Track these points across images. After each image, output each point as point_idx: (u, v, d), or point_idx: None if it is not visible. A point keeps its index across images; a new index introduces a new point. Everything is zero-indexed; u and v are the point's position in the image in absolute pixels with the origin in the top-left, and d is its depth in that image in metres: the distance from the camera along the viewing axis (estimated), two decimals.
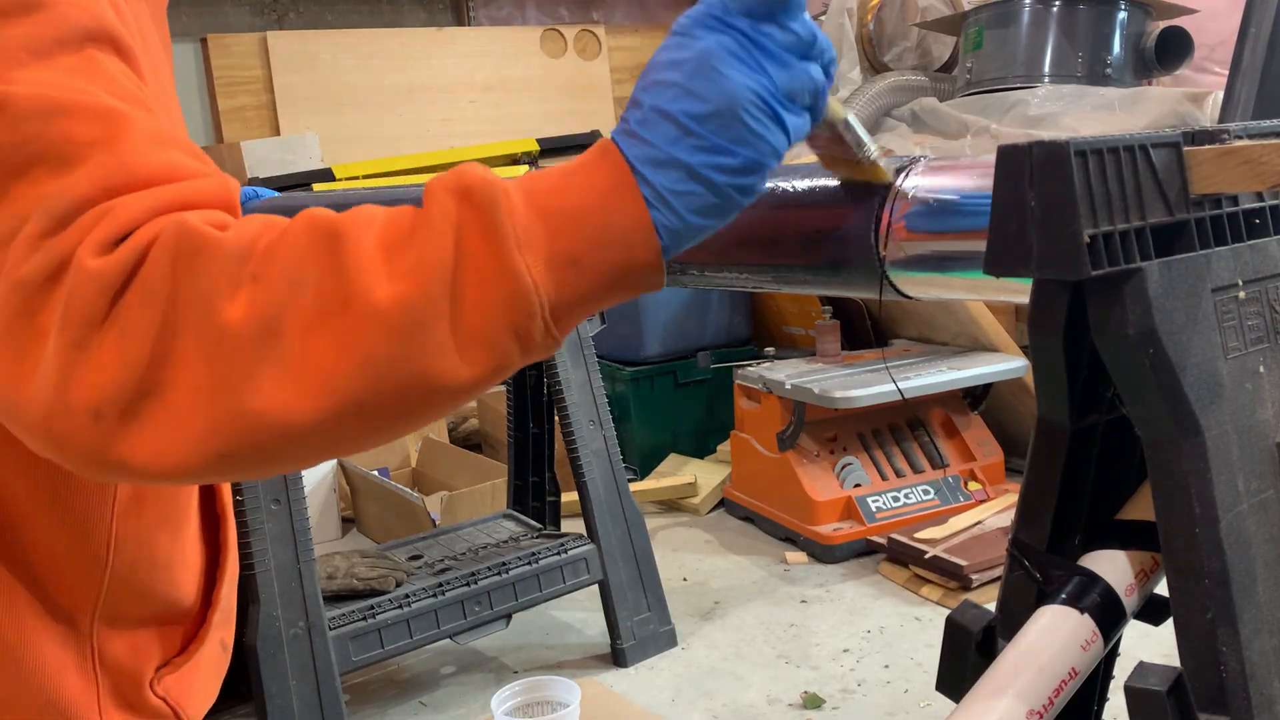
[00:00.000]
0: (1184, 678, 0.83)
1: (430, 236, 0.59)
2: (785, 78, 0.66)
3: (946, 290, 1.00)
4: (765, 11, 0.65)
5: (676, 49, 0.65)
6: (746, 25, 0.64)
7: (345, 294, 0.58)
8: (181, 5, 5.70)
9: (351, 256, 0.58)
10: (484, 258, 0.58)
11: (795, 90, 0.67)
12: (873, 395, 3.37)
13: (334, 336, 0.58)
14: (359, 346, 0.58)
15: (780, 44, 0.66)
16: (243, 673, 2.74)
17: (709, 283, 1.23)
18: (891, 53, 5.59)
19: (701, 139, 0.63)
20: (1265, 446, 0.86)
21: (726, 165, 0.65)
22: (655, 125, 0.64)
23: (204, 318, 0.58)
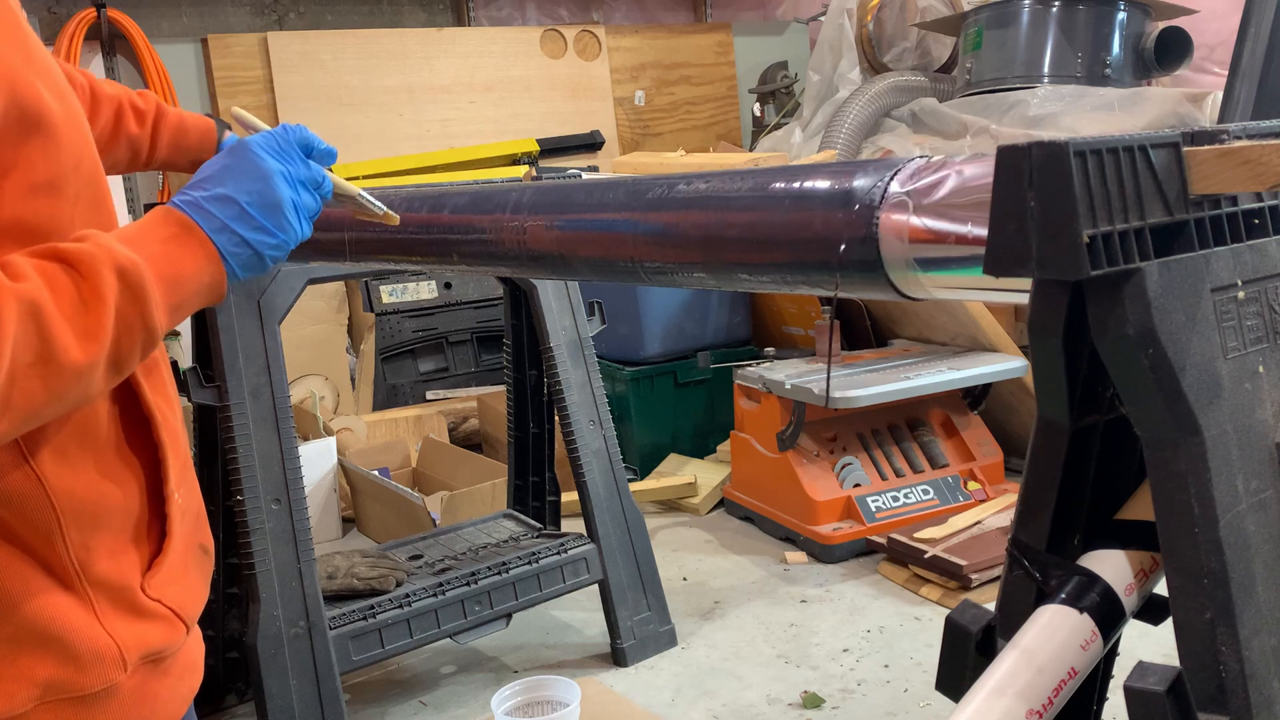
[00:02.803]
0: (1183, 677, 0.83)
1: (103, 308, 0.88)
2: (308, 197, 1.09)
3: (946, 290, 1.00)
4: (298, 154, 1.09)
5: (241, 158, 1.04)
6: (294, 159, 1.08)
7: (47, 353, 0.84)
8: (181, 5, 5.70)
9: (50, 325, 0.84)
10: (135, 324, 0.91)
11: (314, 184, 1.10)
12: (873, 395, 3.38)
13: (40, 380, 0.84)
14: (55, 387, 0.85)
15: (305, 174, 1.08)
16: (243, 672, 2.74)
17: (712, 284, 1.23)
18: (891, 53, 5.59)
19: (254, 221, 1.02)
20: (1264, 446, 0.86)
21: (268, 241, 1.03)
22: (223, 205, 1.00)
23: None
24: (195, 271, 0.97)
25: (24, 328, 0.83)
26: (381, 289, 4.95)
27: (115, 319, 0.89)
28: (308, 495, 2.55)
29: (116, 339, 0.89)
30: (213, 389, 2.39)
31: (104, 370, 0.89)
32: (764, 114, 6.52)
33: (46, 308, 0.84)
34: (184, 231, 0.98)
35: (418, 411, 4.71)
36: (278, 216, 1.03)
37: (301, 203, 1.07)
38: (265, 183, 1.03)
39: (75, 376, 0.86)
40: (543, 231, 1.40)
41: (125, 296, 0.89)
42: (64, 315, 0.86)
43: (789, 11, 7.00)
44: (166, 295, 0.94)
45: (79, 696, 0.97)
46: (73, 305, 0.87)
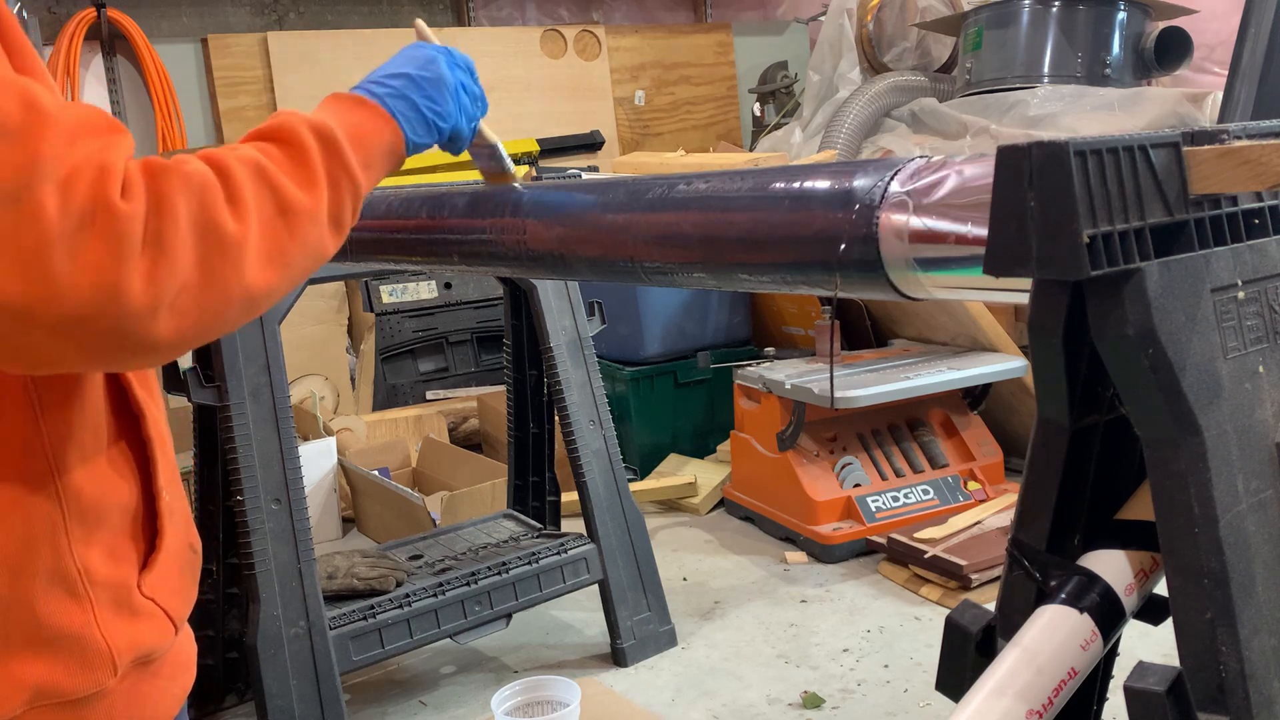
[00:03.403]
0: (1183, 677, 0.83)
1: (312, 162, 0.97)
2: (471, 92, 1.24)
3: (946, 290, 1.00)
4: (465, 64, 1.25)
5: (415, 50, 1.20)
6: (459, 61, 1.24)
7: (282, 202, 0.92)
8: (181, 5, 5.70)
9: (277, 178, 0.93)
10: (341, 176, 1.00)
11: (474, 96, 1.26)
12: (873, 395, 3.38)
13: (286, 229, 0.92)
14: (300, 234, 0.94)
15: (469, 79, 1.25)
16: (243, 672, 2.74)
17: (711, 284, 1.23)
18: (891, 53, 5.59)
19: (422, 89, 1.15)
20: (1264, 446, 0.86)
21: (434, 109, 1.16)
22: (394, 78, 1.14)
23: (215, 233, 0.86)
24: (375, 130, 1.08)
25: (257, 185, 0.91)
26: (381, 289, 4.95)
27: (326, 172, 0.98)
28: (308, 495, 2.55)
29: (331, 191, 0.98)
30: (213, 389, 2.39)
31: (328, 222, 0.97)
32: (764, 114, 6.52)
33: (267, 166, 0.93)
34: (359, 103, 1.09)
35: (418, 411, 4.71)
36: (443, 90, 1.16)
37: (463, 97, 1.21)
38: (434, 63, 1.18)
39: (311, 220, 0.95)
40: (543, 231, 1.40)
41: (325, 152, 0.99)
42: (283, 170, 0.94)
43: (789, 11, 7.00)
44: (357, 151, 1.02)
45: (69, 700, 0.97)
46: (287, 162, 0.95)
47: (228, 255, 0.87)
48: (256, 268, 0.89)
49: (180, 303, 0.84)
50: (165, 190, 0.84)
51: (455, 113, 1.20)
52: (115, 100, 5.44)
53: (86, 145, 0.82)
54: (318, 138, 0.99)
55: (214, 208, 0.86)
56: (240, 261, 0.88)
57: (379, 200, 1.75)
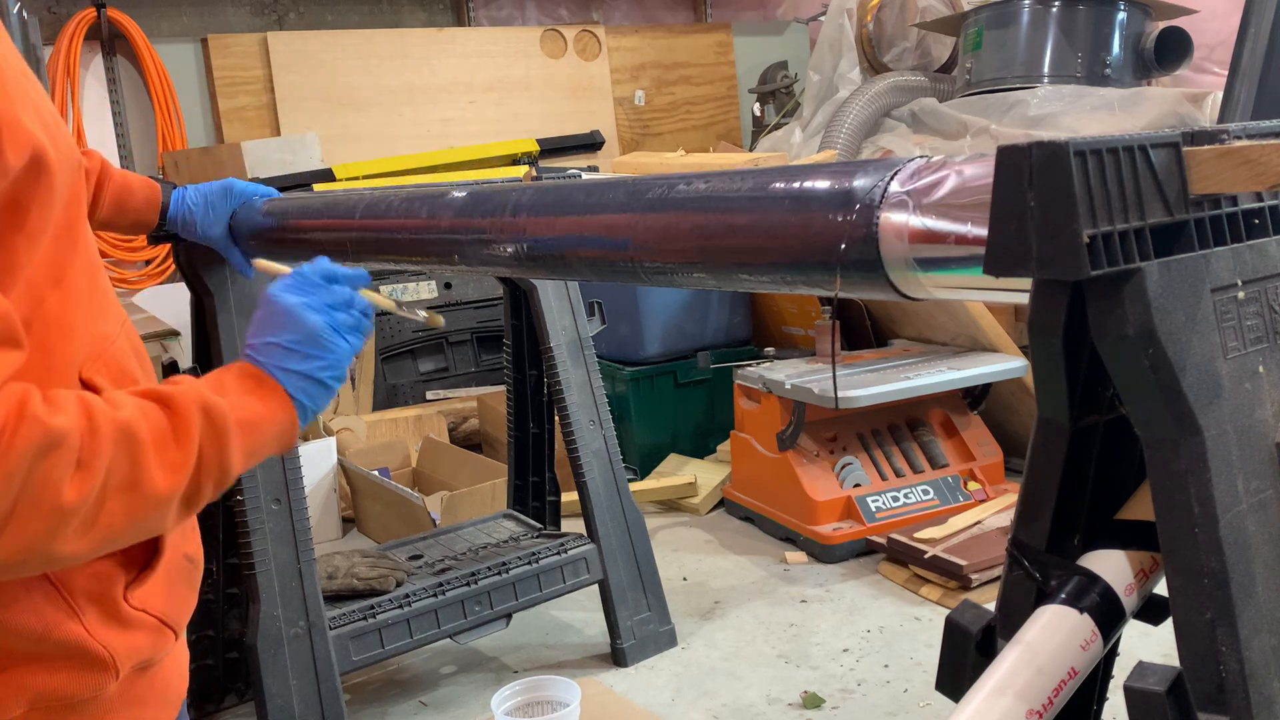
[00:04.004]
0: (1183, 677, 0.83)
1: (188, 445, 0.95)
2: (341, 315, 1.15)
3: (946, 290, 1.00)
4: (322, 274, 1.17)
5: (269, 306, 1.13)
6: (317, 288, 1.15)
7: (135, 480, 0.90)
8: (181, 5, 5.70)
9: (142, 456, 0.91)
10: (211, 464, 0.97)
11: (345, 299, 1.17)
12: (873, 395, 3.38)
13: (125, 506, 0.90)
14: (138, 515, 0.91)
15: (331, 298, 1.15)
16: (243, 672, 2.74)
17: (711, 284, 1.23)
18: (891, 53, 5.59)
19: (299, 353, 1.10)
20: (1265, 446, 0.86)
21: (319, 365, 1.11)
22: (270, 351, 1.09)
23: (46, 496, 0.84)
24: (269, 416, 1.05)
25: (118, 453, 0.89)
26: (381, 289, 4.95)
27: (198, 456, 0.96)
28: (308, 495, 2.55)
29: (195, 475, 0.96)
30: None
31: (178, 505, 0.95)
32: (764, 114, 6.52)
33: (141, 437, 0.91)
34: (258, 381, 1.07)
35: (418, 411, 4.71)
36: (318, 342, 1.12)
37: (338, 322, 1.15)
38: (293, 317, 1.12)
39: (155, 505, 0.93)
40: (543, 231, 1.40)
41: (209, 436, 0.97)
42: (154, 447, 0.93)
43: (789, 11, 7.00)
44: (244, 441, 1.01)
45: (70, 704, 0.98)
46: (163, 438, 0.94)
47: (47, 522, 0.85)
48: (74, 539, 0.88)
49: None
50: (17, 441, 0.83)
51: (345, 347, 1.15)
52: (115, 100, 5.44)
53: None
54: (207, 422, 0.97)
55: (58, 474, 0.85)
56: (58, 530, 0.86)
57: (379, 200, 1.75)
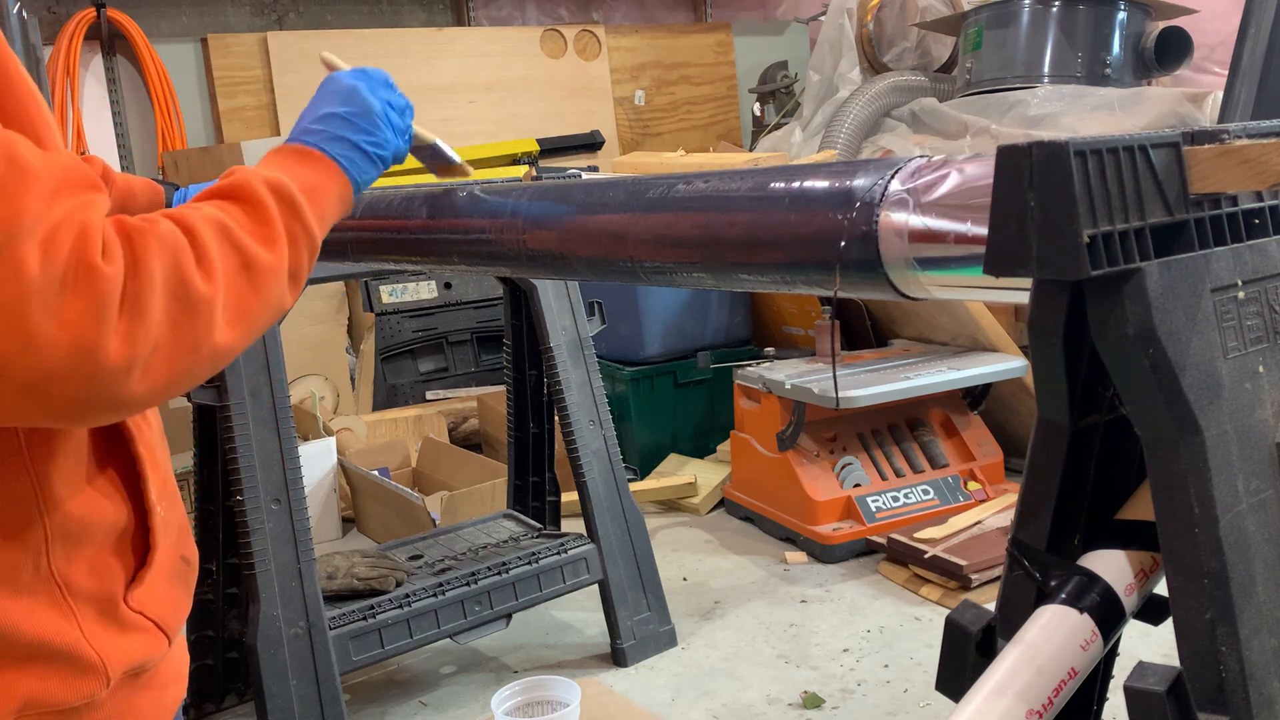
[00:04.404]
0: (1183, 678, 0.83)
1: (272, 219, 1.00)
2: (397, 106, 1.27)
3: (946, 290, 1.00)
4: (382, 79, 1.28)
5: (334, 84, 1.24)
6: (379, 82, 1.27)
7: (246, 260, 0.95)
8: (181, 5, 5.70)
9: (240, 237, 0.95)
10: (299, 231, 1.03)
11: (401, 108, 1.28)
12: (873, 395, 3.38)
13: (250, 286, 0.95)
14: (264, 290, 0.96)
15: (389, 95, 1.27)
16: (243, 672, 2.74)
17: (711, 284, 1.23)
18: (891, 53, 5.59)
19: (353, 124, 1.19)
20: (1265, 446, 0.86)
21: (369, 140, 1.20)
22: (325, 122, 1.18)
23: (187, 294, 0.89)
24: (325, 182, 1.12)
25: (222, 244, 0.94)
26: (381, 289, 4.95)
27: (284, 228, 1.01)
28: (308, 495, 2.55)
29: (290, 246, 1.01)
30: (213, 389, 2.39)
31: (288, 277, 1.00)
32: (764, 114, 6.52)
33: (230, 225, 0.96)
34: (302, 155, 1.14)
35: (418, 411, 4.71)
36: (372, 118, 1.20)
37: (392, 115, 1.24)
38: (354, 94, 1.21)
39: (273, 277, 0.98)
40: (543, 231, 1.40)
41: (283, 208, 1.02)
42: (246, 230, 0.97)
43: (789, 11, 7.00)
44: (312, 206, 1.06)
45: (60, 711, 0.97)
46: (248, 220, 0.98)
47: (199, 316, 0.89)
48: (224, 326, 0.92)
49: (153, 363, 0.86)
50: (141, 253, 0.86)
51: (392, 138, 1.24)
52: (115, 100, 5.44)
53: (67, 203, 0.83)
54: (275, 195, 1.02)
55: (186, 269, 0.89)
56: (210, 322, 0.90)
57: (379, 200, 1.75)
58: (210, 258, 0.91)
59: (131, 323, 0.84)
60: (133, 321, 0.84)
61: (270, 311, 0.98)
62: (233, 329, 0.92)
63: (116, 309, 0.83)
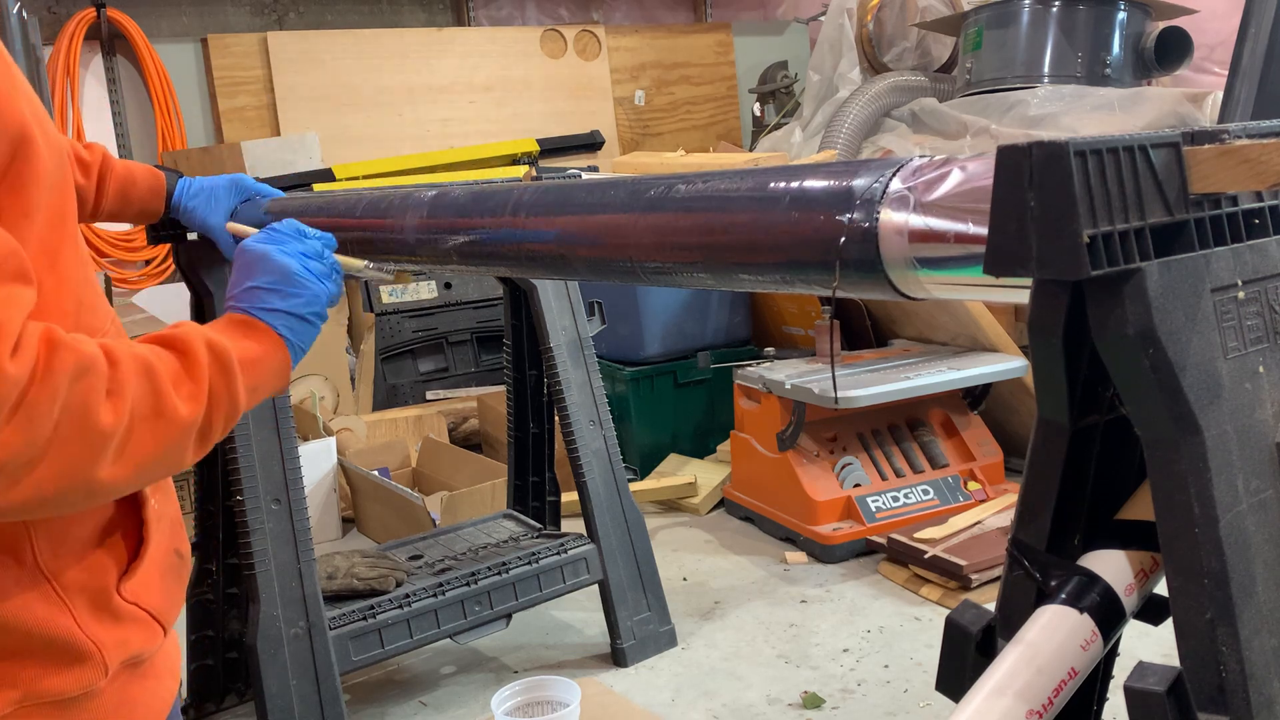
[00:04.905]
0: (1183, 678, 0.83)
1: (200, 376, 0.99)
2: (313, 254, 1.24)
3: (946, 290, 1.00)
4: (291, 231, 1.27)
5: (245, 256, 1.22)
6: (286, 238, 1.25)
7: (159, 407, 0.93)
8: (181, 5, 5.70)
9: (162, 384, 0.94)
10: (222, 397, 1.01)
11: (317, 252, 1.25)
12: (873, 395, 3.37)
13: (151, 433, 0.93)
14: (165, 442, 0.94)
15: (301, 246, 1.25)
16: (243, 672, 2.74)
17: (711, 284, 1.23)
18: (891, 53, 5.59)
19: (279, 291, 1.17)
20: (1265, 446, 0.86)
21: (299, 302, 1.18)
22: (251, 295, 1.17)
23: (82, 421, 0.86)
24: (265, 354, 1.11)
25: (140, 384, 0.92)
26: (381, 289, 4.95)
27: (209, 388, 1.00)
28: (308, 495, 2.55)
29: (209, 407, 0.99)
30: None
31: (195, 437, 0.99)
32: (764, 114, 6.52)
33: (158, 370, 0.95)
34: (246, 325, 1.13)
35: (418, 411, 4.71)
36: (293, 280, 1.19)
37: (310, 266, 1.22)
38: (266, 261, 1.19)
39: (180, 433, 0.96)
40: (542, 232, 1.40)
41: (215, 370, 1.01)
42: (171, 380, 0.96)
43: (789, 11, 7.00)
44: (247, 377, 1.05)
45: (58, 701, 0.98)
46: (176, 372, 0.98)
47: (89, 446, 0.87)
48: (111, 464, 0.90)
49: (23, 477, 0.84)
50: (55, 364, 0.84)
51: (321, 289, 1.22)
52: (115, 100, 5.45)
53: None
54: (212, 355, 1.01)
55: (93, 397, 0.87)
56: (98, 455, 0.88)
57: (379, 200, 1.75)
58: (123, 395, 0.90)
59: (17, 431, 0.82)
60: (18, 430, 0.82)
61: (164, 465, 0.96)
62: (121, 469, 0.90)
63: (9, 410, 0.82)
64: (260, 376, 1.09)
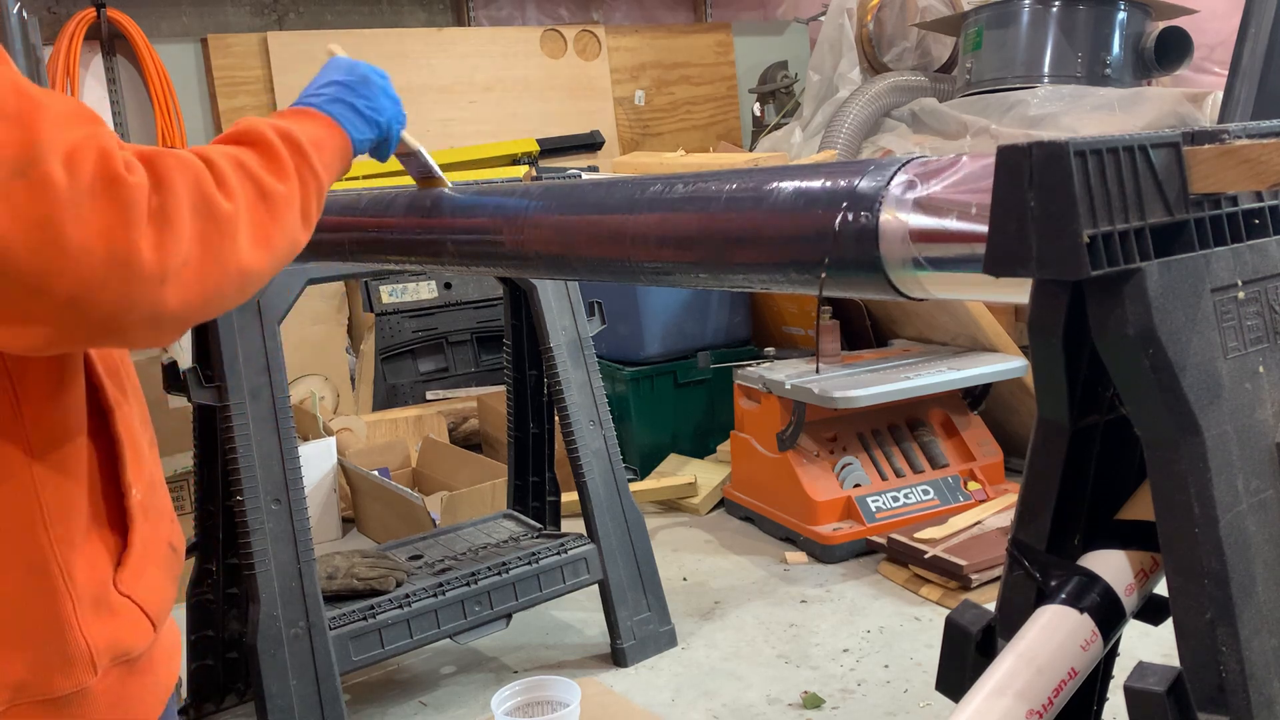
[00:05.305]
0: (1183, 678, 0.83)
1: (283, 159, 1.05)
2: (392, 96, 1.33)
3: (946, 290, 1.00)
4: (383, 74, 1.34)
5: (337, 61, 1.30)
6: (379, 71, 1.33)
7: (262, 190, 1.00)
8: (181, 5, 5.70)
9: (255, 170, 1.00)
10: (307, 173, 1.08)
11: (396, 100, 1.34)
12: (873, 395, 3.37)
13: (268, 212, 1.00)
14: (281, 218, 1.01)
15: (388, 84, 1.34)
16: (243, 672, 2.74)
17: (711, 284, 1.23)
18: (891, 53, 5.59)
19: (353, 89, 1.25)
20: (1265, 446, 0.86)
21: (367, 104, 1.26)
22: (326, 87, 1.24)
23: (211, 211, 0.92)
24: (326, 136, 1.17)
25: (239, 173, 0.98)
26: (381, 289, 4.95)
27: (294, 168, 1.06)
28: (308, 495, 2.55)
29: (300, 182, 1.06)
30: (213, 389, 2.39)
31: (299, 213, 1.05)
32: (764, 114, 6.52)
33: (244, 159, 1.01)
34: (303, 114, 1.19)
35: (418, 411, 4.71)
36: (370, 85, 1.27)
37: (388, 90, 1.31)
38: (353, 67, 1.28)
39: (287, 208, 1.03)
40: (542, 231, 1.40)
41: (290, 150, 1.07)
42: (259, 165, 1.02)
43: (789, 11, 7.00)
44: (318, 154, 1.11)
45: (51, 699, 0.98)
46: (259, 158, 1.03)
47: (224, 232, 0.93)
48: (248, 246, 0.96)
49: (185, 275, 0.89)
50: (164, 171, 0.89)
51: (387, 104, 1.30)
52: (115, 100, 5.44)
53: (81, 129, 0.86)
54: (283, 139, 1.07)
55: (208, 189, 0.92)
56: (234, 239, 0.94)
57: (379, 200, 1.75)
58: (229, 183, 0.95)
59: (161, 232, 0.87)
60: (162, 231, 0.87)
61: (287, 242, 1.02)
62: (256, 251, 0.96)
63: (145, 217, 0.86)
64: (328, 154, 1.15)
